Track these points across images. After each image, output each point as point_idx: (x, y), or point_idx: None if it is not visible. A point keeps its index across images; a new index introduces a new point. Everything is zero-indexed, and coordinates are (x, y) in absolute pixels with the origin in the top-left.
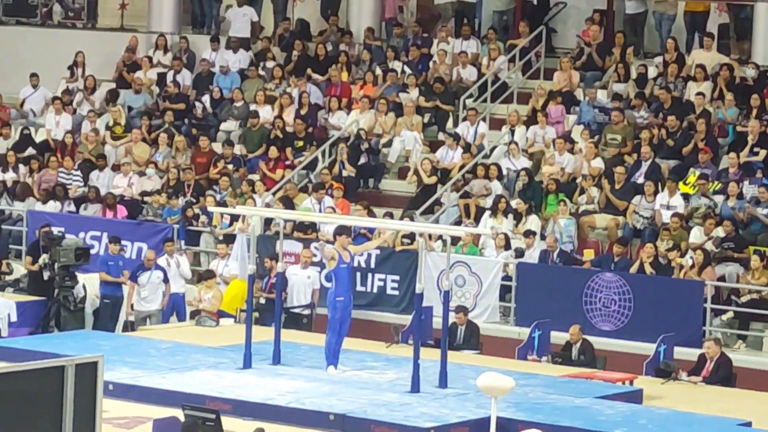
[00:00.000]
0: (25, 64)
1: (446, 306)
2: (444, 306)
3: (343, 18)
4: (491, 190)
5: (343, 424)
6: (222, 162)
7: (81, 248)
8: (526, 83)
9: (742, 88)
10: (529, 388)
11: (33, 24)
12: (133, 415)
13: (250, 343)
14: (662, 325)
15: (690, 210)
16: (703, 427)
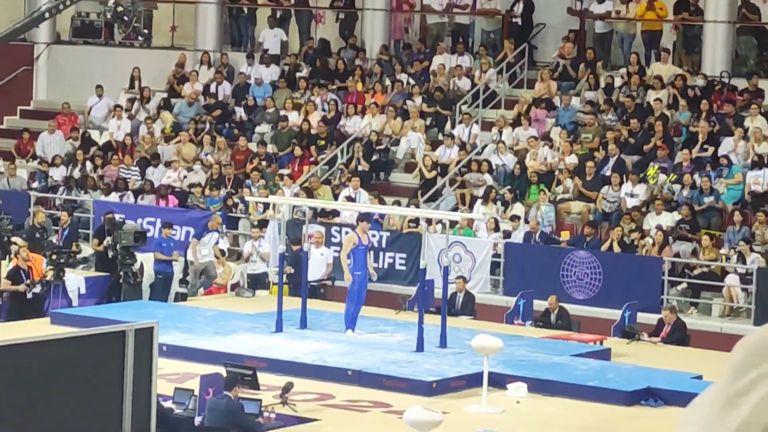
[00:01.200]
0: (91, 77)
1: (445, 279)
2: (443, 279)
3: (358, 37)
4: (483, 182)
5: (360, 379)
6: (256, 159)
7: (139, 232)
8: (512, 92)
9: (693, 95)
10: (516, 347)
11: (97, 44)
12: (183, 371)
13: (281, 311)
14: (627, 294)
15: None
16: (662, 379)
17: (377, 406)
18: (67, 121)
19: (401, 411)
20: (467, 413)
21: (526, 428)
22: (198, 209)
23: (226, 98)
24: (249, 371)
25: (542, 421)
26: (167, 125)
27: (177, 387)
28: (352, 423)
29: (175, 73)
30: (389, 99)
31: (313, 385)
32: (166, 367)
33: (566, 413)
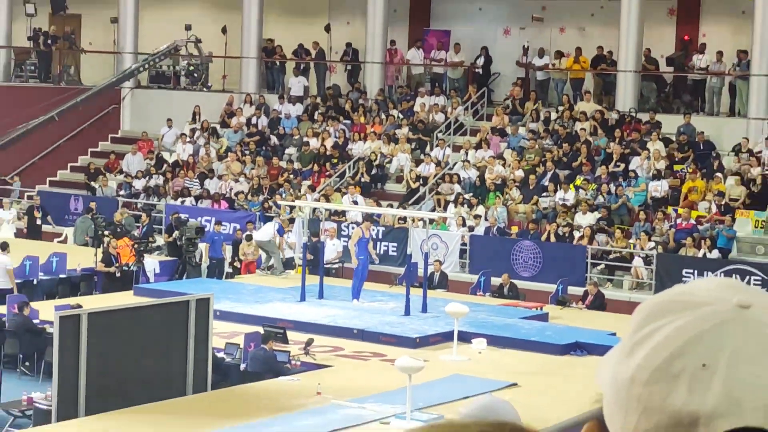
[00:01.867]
0: (163, 113)
1: (426, 262)
2: (424, 262)
3: (361, 83)
4: (453, 190)
5: (363, 336)
6: (286, 173)
7: (199, 227)
8: (475, 123)
9: (609, 125)
10: (478, 312)
11: (168, 88)
12: (231, 330)
13: (305, 286)
14: (560, 272)
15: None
16: (586, 336)
17: (376, 356)
18: (145, 145)
19: (393, 359)
20: (442, 361)
21: (485, 372)
22: (242, 210)
23: (263, 128)
24: (280, 330)
25: (497, 366)
26: (222, 148)
27: (227, 342)
28: (356, 369)
29: (226, 110)
30: (384, 129)
31: (328, 341)
32: (219, 327)
33: (515, 361)
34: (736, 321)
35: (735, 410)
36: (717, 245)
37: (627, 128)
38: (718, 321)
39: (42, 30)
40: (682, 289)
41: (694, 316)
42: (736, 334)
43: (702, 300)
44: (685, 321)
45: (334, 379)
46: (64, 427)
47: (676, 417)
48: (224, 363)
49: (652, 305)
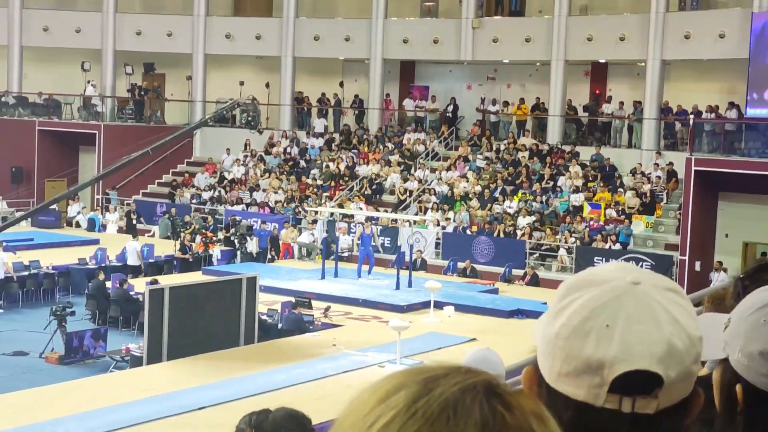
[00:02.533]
0: (223, 144)
1: (411, 251)
2: (410, 251)
3: (365, 123)
4: (431, 200)
5: (366, 304)
6: (311, 188)
7: (249, 226)
8: (446, 152)
9: (542, 154)
10: (448, 288)
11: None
12: (272, 300)
13: (324, 268)
14: (506, 259)
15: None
16: (526, 304)
17: (375, 318)
18: (211, 167)
19: (387, 321)
20: (422, 322)
21: (453, 330)
22: (279, 215)
23: (295, 155)
24: (307, 299)
25: (462, 326)
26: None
27: (268, 308)
28: (361, 327)
29: (268, 142)
30: (381, 156)
31: (341, 308)
32: (263, 298)
33: (474, 322)
34: (629, 293)
35: (629, 357)
36: (619, 240)
37: (555, 156)
38: (617, 293)
39: (137, 84)
40: (591, 270)
41: (600, 290)
42: (630, 302)
43: (605, 278)
44: (593, 294)
45: (345, 335)
46: (152, 369)
47: (588, 362)
48: (266, 323)
49: (571, 282)
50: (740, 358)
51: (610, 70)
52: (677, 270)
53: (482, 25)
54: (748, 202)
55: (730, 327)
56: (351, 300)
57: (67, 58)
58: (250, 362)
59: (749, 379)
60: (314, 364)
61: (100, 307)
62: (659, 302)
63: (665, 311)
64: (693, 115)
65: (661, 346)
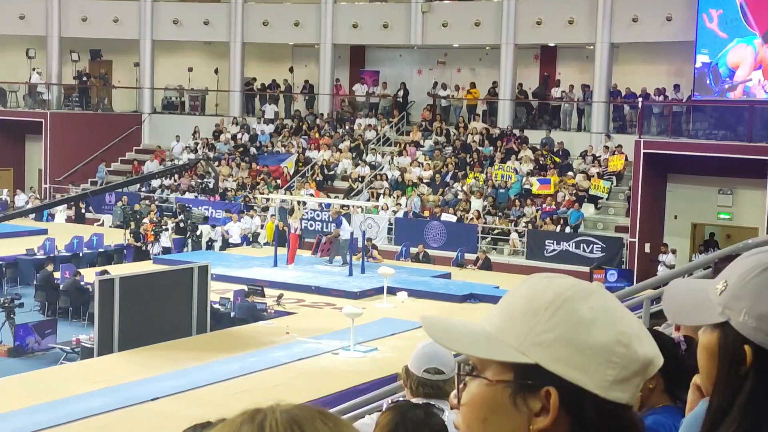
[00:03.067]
0: (172, 131)
1: (363, 237)
2: (362, 237)
3: (316, 109)
4: (383, 185)
5: (319, 291)
6: (262, 175)
7: (205, 216)
8: (397, 137)
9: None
10: (401, 273)
11: (175, 113)
12: (224, 288)
13: (276, 255)
14: (459, 243)
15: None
16: (478, 288)
17: (328, 305)
18: (160, 154)
19: (340, 308)
20: (376, 308)
21: (406, 316)
22: (230, 202)
23: (245, 142)
24: (259, 287)
25: (415, 312)
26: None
27: (221, 296)
28: (314, 315)
29: (217, 128)
30: (332, 141)
31: (293, 295)
32: (215, 287)
33: (427, 307)
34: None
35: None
36: (570, 223)
37: (506, 140)
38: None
39: (84, 71)
40: (568, 283)
41: (605, 294)
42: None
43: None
44: (609, 297)
45: (299, 322)
46: (103, 360)
47: (644, 362)
48: (219, 312)
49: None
50: (747, 320)
51: (560, 54)
52: (627, 252)
53: (432, 9)
54: (696, 184)
55: (728, 290)
56: (304, 287)
57: (11, 46)
58: (203, 352)
59: (758, 341)
60: (268, 352)
61: (50, 298)
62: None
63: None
64: (641, 97)
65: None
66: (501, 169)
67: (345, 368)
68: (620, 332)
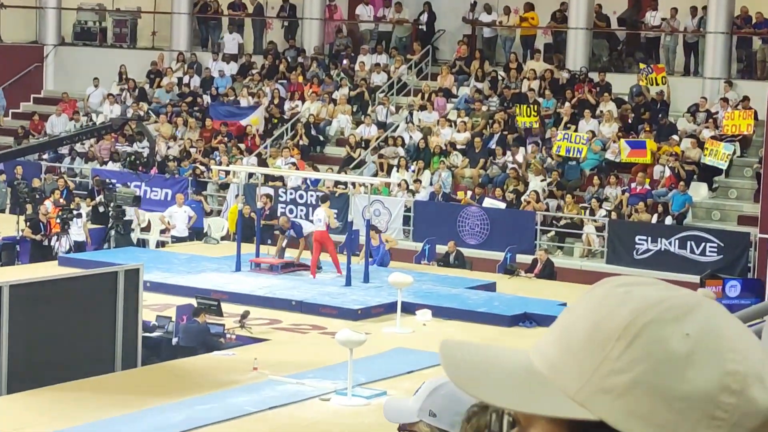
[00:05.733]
0: (88, 72)
1: (368, 229)
2: (366, 229)
3: (299, 40)
4: (397, 154)
5: (301, 307)
6: (219, 136)
7: (136, 196)
8: (419, 83)
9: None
10: (422, 282)
11: (93, 45)
12: (163, 302)
13: (240, 254)
14: (508, 239)
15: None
16: (535, 306)
17: (315, 328)
18: (70, 106)
19: (334, 332)
20: (385, 334)
21: (430, 345)
22: (173, 177)
23: (195, 88)
24: (214, 302)
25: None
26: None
27: (158, 315)
28: (295, 342)
29: (154, 68)
30: (323, 89)
31: (265, 313)
32: (150, 299)
33: (462, 332)
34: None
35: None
36: (672, 210)
37: (578, 88)
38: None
39: None
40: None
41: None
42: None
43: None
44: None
45: (272, 353)
46: None
47: (766, 415)
48: (155, 338)
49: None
50: None
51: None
52: (755, 254)
53: None
54: None
55: None
56: (280, 302)
57: None
58: (132, 395)
59: None
60: (226, 396)
61: None
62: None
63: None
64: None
65: None
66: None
67: (340, 421)
68: (729, 372)
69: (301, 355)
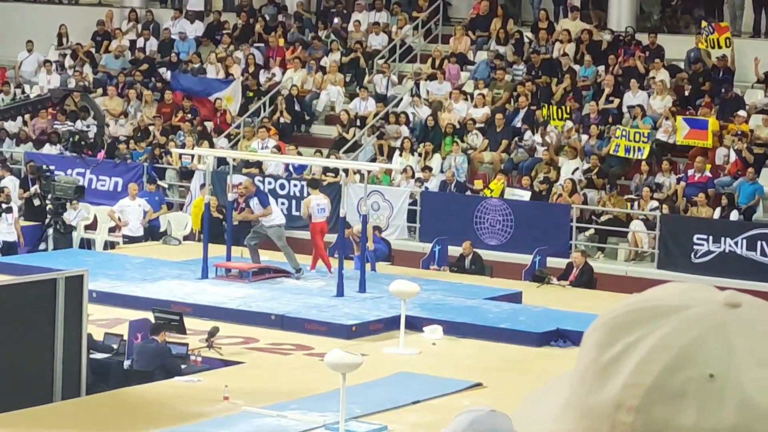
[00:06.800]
0: (21, 33)
1: (364, 226)
2: (362, 226)
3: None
4: (400, 133)
5: (282, 323)
6: (181, 113)
7: (79, 186)
8: (427, 47)
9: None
10: (431, 292)
11: (27, 0)
12: (112, 317)
13: (207, 258)
14: (537, 239)
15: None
16: (571, 321)
17: (299, 348)
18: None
19: (322, 354)
20: (385, 355)
21: (441, 369)
22: (124, 162)
23: (152, 54)
24: (176, 316)
25: (457, 362)
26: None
27: (106, 332)
28: (275, 365)
29: (102, 29)
30: (309, 54)
31: (238, 329)
32: (97, 313)
33: (480, 354)
34: (731, 322)
35: (760, 423)
36: (738, 203)
37: (622, 51)
38: (711, 323)
39: None
40: (643, 296)
41: (679, 320)
42: (737, 335)
43: (678, 304)
44: (670, 328)
45: (246, 379)
46: None
47: None
48: (102, 360)
49: (614, 318)
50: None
51: None
52: None
53: None
54: None
55: None
56: (257, 316)
57: None
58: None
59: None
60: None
61: None
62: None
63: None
64: None
65: None
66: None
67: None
68: (638, 384)
69: (282, 382)
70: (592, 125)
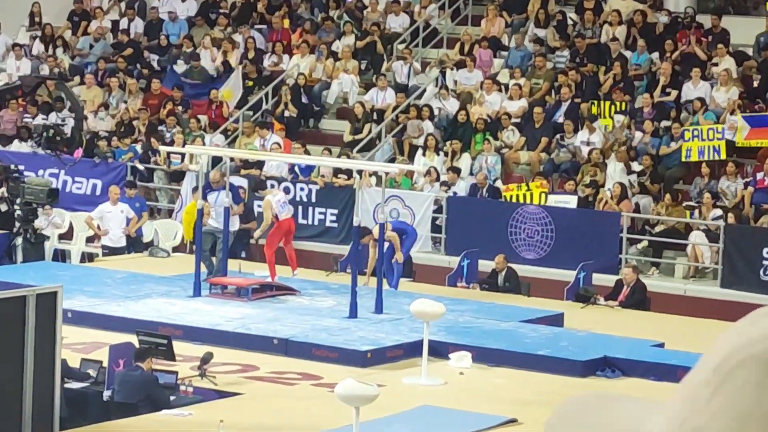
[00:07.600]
0: None
1: (381, 237)
2: (380, 237)
3: None
4: (423, 130)
5: (287, 348)
6: (171, 104)
7: (52, 189)
8: (456, 29)
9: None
10: (459, 313)
11: None
12: (90, 340)
13: (199, 273)
14: (582, 253)
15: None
16: (620, 348)
17: (306, 378)
18: None
19: (333, 384)
20: (405, 386)
21: (470, 402)
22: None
23: (137, 36)
24: (163, 340)
25: (488, 394)
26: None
27: (83, 358)
28: (278, 397)
29: (78, 8)
30: (319, 37)
31: (236, 355)
32: (72, 336)
33: (514, 385)
34: None
35: None
36: None
37: (682, 37)
38: None
39: None
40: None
41: None
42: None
43: None
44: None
45: (244, 413)
46: None
47: None
48: (79, 389)
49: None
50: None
51: None
52: None
53: None
54: None
55: None
56: (257, 340)
57: None
58: None
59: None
60: None
61: None
62: None
63: None
64: None
65: None
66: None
67: None
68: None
69: (286, 416)
70: (646, 121)
